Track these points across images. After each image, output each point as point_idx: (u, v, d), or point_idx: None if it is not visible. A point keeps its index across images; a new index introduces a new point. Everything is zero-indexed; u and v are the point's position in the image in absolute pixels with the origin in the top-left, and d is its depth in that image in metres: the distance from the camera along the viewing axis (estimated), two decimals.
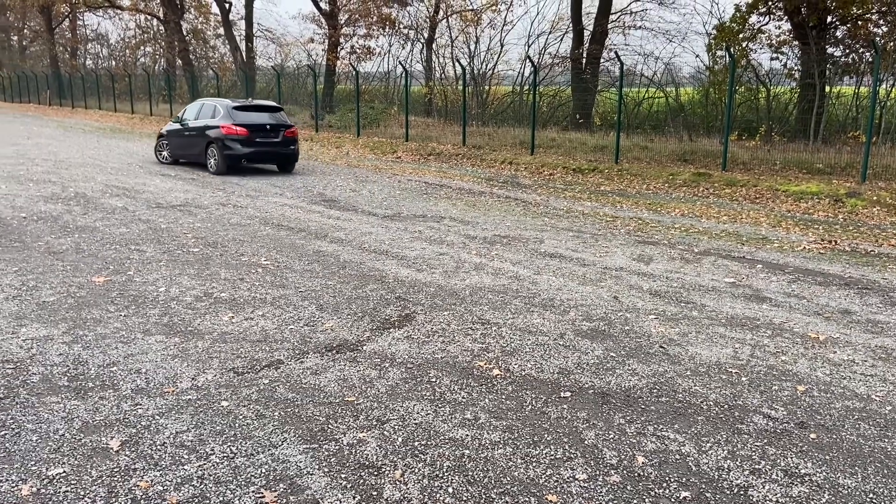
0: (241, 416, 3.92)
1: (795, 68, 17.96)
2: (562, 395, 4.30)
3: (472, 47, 24.49)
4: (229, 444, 3.61)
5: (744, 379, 4.58)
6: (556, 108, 21.76)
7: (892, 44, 15.86)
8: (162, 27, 36.40)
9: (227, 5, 31.52)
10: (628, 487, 3.29)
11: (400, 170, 15.82)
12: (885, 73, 15.08)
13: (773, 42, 18.21)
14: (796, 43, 17.71)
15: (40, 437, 3.62)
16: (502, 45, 24.52)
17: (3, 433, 3.65)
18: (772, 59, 18.35)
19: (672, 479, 3.36)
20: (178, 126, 15.77)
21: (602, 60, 20.82)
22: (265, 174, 14.82)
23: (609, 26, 21.40)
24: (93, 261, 7.21)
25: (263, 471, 3.36)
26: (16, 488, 3.16)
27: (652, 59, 31.04)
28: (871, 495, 3.25)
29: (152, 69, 37.63)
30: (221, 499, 3.13)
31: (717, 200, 11.78)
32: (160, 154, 16.40)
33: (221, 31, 34.37)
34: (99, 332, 5.17)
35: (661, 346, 5.14)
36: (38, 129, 25.03)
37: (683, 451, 3.64)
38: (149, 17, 38.78)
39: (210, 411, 3.97)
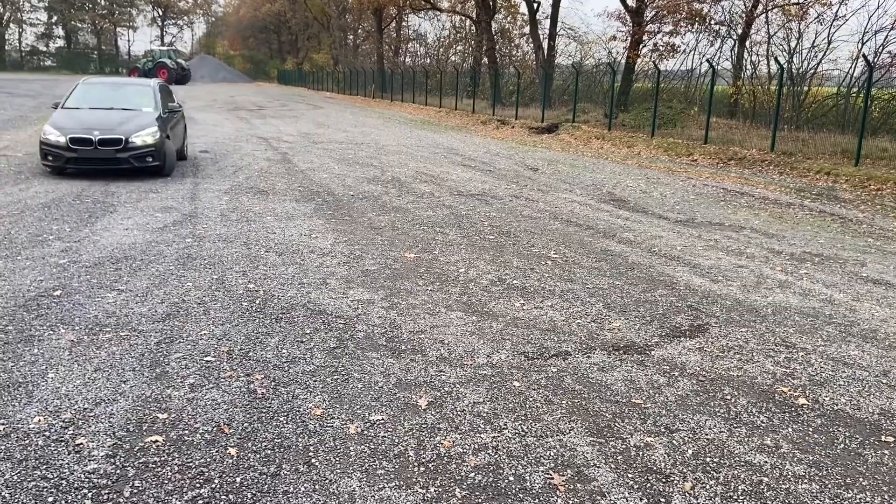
0: (531, 399, 4.11)
1: None
2: (882, 438, 3.78)
3: (793, 44, 22.25)
4: (521, 422, 3.82)
5: None
6: (891, 114, 18.86)
7: None
8: (474, 27, 39.00)
9: (535, 5, 32.69)
10: None
11: (696, 173, 15.06)
12: None
13: None
14: None
15: (364, 386, 4.18)
16: (829, 42, 21.89)
17: (335, 377, 4.28)
18: None
19: None
20: None
21: None
22: (567, 167, 15.15)
23: None
24: (405, 238, 8.06)
25: (552, 454, 3.50)
26: (345, 426, 3.69)
27: None
28: None
29: (461, 67, 40.57)
30: (514, 472, 3.33)
31: None
32: None
33: (527, 30, 35.79)
34: (410, 301, 5.79)
35: None
36: (363, 119, 28.54)
37: None
38: (463, 18, 41.86)
39: (503, 388, 4.23)
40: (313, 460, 3.35)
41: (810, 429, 3.87)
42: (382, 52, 49.58)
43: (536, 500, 3.11)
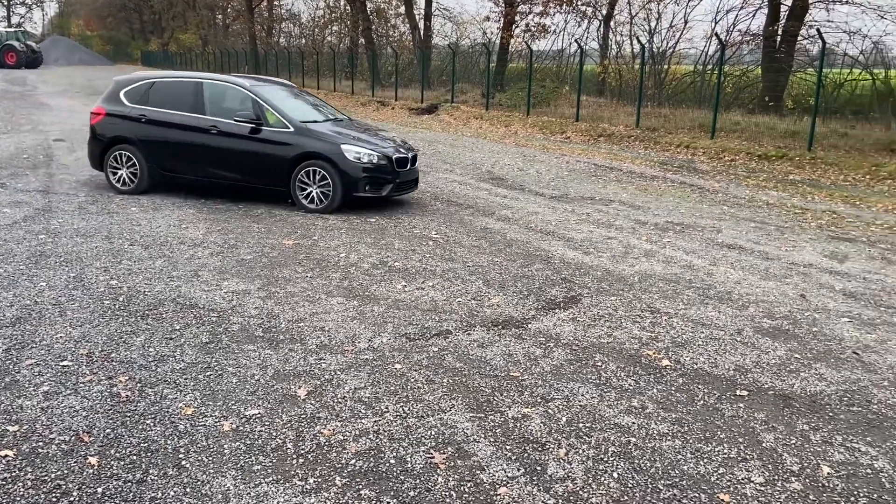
0: (412, 380, 4.12)
1: None
2: (738, 393, 4.08)
3: (653, 24, 23.43)
4: (402, 404, 3.81)
5: None
6: (742, 89, 20.32)
7: None
8: (349, 6, 38.30)
9: None
10: (810, 497, 3.08)
11: (569, 150, 15.60)
12: None
13: None
14: None
15: (239, 380, 4.03)
16: (686, 22, 23.22)
17: (208, 374, 4.10)
18: None
19: (861, 494, 3.10)
20: None
21: (800, 38, 19.09)
22: (448, 147, 15.23)
23: (811, 0, 19.55)
24: (283, 225, 7.83)
25: (433, 433, 3.52)
26: (218, 423, 3.55)
27: (858, 37, 28.04)
28: None
29: (337, 47, 39.81)
30: (395, 454, 3.32)
31: None
32: None
33: (402, 9, 35.56)
34: (289, 290, 5.63)
35: (855, 352, 4.71)
36: None
37: (876, 465, 3.33)
38: None
39: (385, 372, 4.21)
40: (184, 462, 3.19)
41: (673, 388, 4.12)
42: (254, 32, 47.80)
43: (417, 481, 3.12)
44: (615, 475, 3.21)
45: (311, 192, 8.50)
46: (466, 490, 3.06)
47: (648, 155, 14.95)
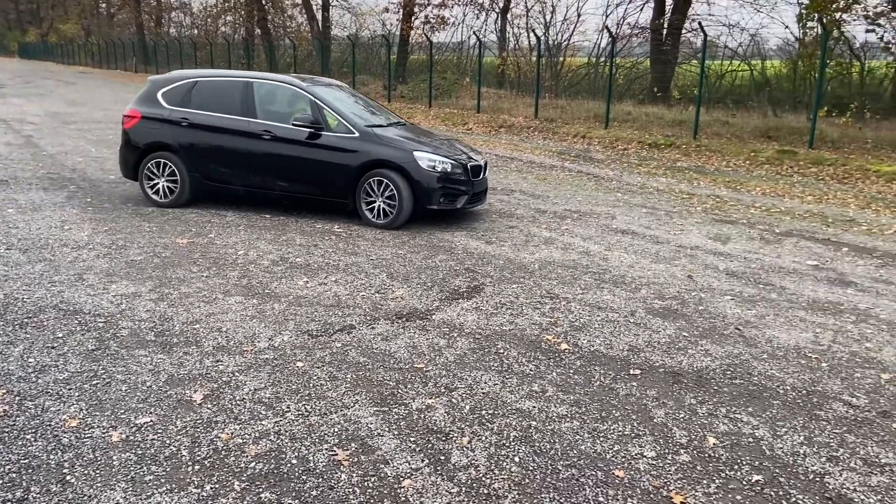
0: (315, 377, 4.05)
1: (893, 41, 16.85)
2: (631, 372, 4.26)
3: (548, 17, 24.02)
4: (304, 402, 3.75)
5: (824, 365, 4.42)
6: (633, 80, 21.18)
7: None
8: None
9: None
10: (698, 467, 3.25)
11: (470, 141, 15.77)
12: None
13: (870, 13, 17.11)
14: (895, 14, 16.60)
15: (129, 388, 3.84)
16: (579, 15, 24.01)
17: (94, 382, 3.88)
18: (867, 31, 17.25)
19: (744, 462, 3.30)
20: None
21: (684, 31, 20.06)
22: None
23: None
24: (176, 223, 7.51)
25: (336, 430, 3.48)
26: (106, 434, 3.37)
27: (737, 29, 29.78)
28: None
29: (232, 38, 38.50)
30: (297, 454, 3.26)
31: (801, 179, 11.28)
32: None
33: None
34: (183, 290, 5.41)
35: (737, 328, 5.01)
36: (124, 95, 26.04)
37: (757, 434, 3.56)
38: None
39: (286, 370, 4.12)
40: (69, 477, 3.01)
41: (571, 371, 4.25)
42: (142, 21, 45.56)
43: (320, 479, 3.07)
44: (517, 459, 3.28)
45: (377, 204, 7.59)
46: (370, 485, 3.04)
47: (547, 145, 15.33)
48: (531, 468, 3.21)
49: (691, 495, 3.04)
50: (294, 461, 3.20)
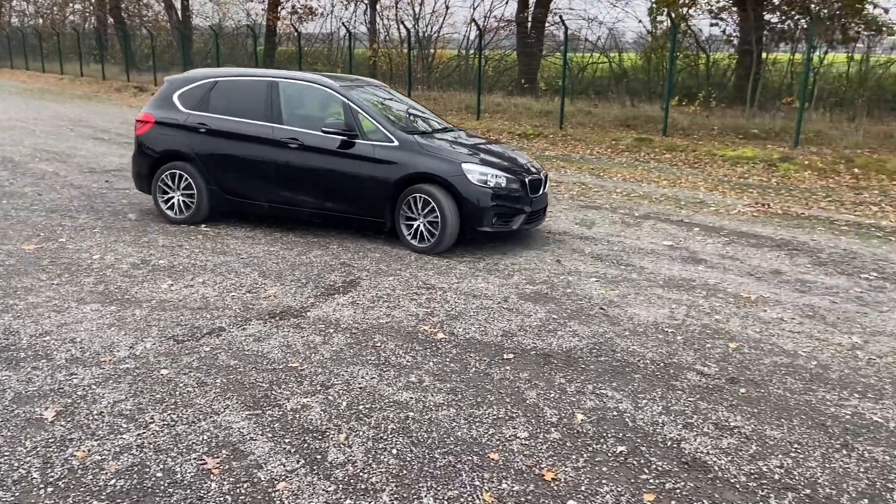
0: (181, 384, 3.86)
1: (734, 35, 18.30)
2: (505, 356, 4.37)
3: (417, 9, 24.10)
4: (170, 412, 3.56)
5: (679, 338, 4.74)
6: (502, 72, 21.70)
7: (825, 11, 16.30)
8: None
9: None
10: (567, 444, 3.39)
11: None
12: (819, 39, 15.51)
13: (713, 8, 18.49)
14: (734, 9, 18.03)
15: None
16: (447, 8, 24.27)
17: None
18: (711, 25, 18.64)
19: (609, 435, 3.48)
20: None
21: (547, 24, 20.79)
22: None
23: None
24: (22, 228, 6.91)
25: (205, 438, 3.33)
26: None
27: (596, 23, 31.22)
28: (795, 445, 3.43)
29: (82, 27, 35.84)
30: (162, 466, 3.09)
31: (657, 165, 12.02)
32: None
33: None
34: (31, 301, 4.99)
35: (602, 308, 5.27)
36: None
37: (621, 407, 3.76)
38: None
39: (149, 380, 3.90)
40: None
41: (447, 359, 4.30)
42: None
43: (188, 490, 2.93)
44: (394, 451, 3.28)
45: (418, 225, 6.55)
46: (243, 491, 2.94)
47: None
48: (409, 459, 3.22)
49: (562, 471, 3.16)
50: (159, 474, 3.04)
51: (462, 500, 2.94)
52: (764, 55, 16.52)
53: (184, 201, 7.31)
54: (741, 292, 5.70)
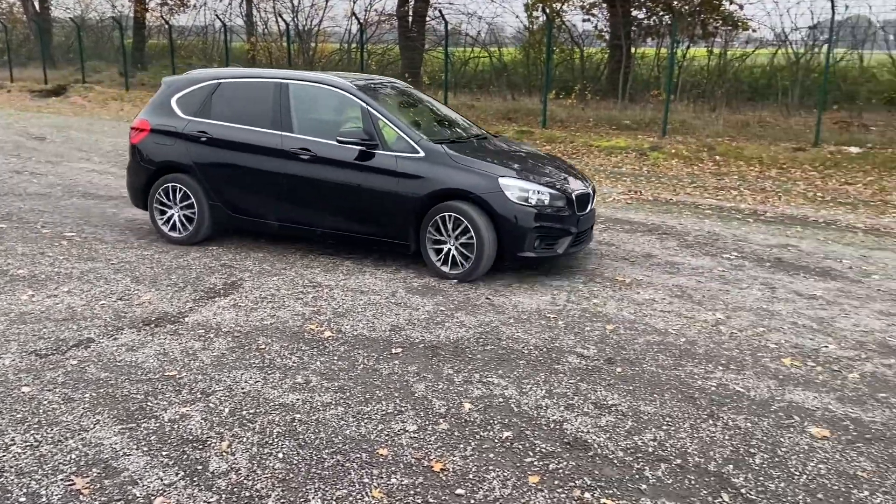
0: (45, 402, 3.59)
1: (605, 30, 19.13)
2: (393, 351, 4.36)
3: (296, 2, 23.54)
4: (33, 432, 3.31)
5: (560, 323, 4.91)
6: (386, 66, 21.62)
7: (686, 7, 17.35)
8: None
9: None
10: (455, 433, 3.43)
11: None
12: (682, 35, 16.49)
13: (585, 4, 19.24)
14: (605, 5, 18.84)
15: None
16: (327, 1, 23.80)
17: None
18: (584, 20, 19.40)
19: (496, 422, 3.55)
20: None
21: (428, 19, 20.90)
22: (83, 133, 13.43)
23: None
24: None
25: (73, 457, 3.12)
26: None
27: (475, 18, 31.71)
28: (667, 419, 3.63)
29: None
30: (26, 490, 2.87)
31: None
32: None
33: None
34: None
35: (487, 298, 5.37)
36: None
37: (506, 394, 3.85)
38: None
39: (9, 399, 3.60)
40: None
41: (335, 357, 4.25)
42: None
43: None
44: (280, 455, 3.20)
45: (449, 248, 5.73)
46: None
47: None
48: (295, 462, 3.16)
49: (450, 461, 3.20)
50: (23, 499, 2.81)
51: (351, 498, 2.92)
52: (633, 50, 17.38)
53: (184, 216, 6.54)
54: (617, 276, 5.97)
